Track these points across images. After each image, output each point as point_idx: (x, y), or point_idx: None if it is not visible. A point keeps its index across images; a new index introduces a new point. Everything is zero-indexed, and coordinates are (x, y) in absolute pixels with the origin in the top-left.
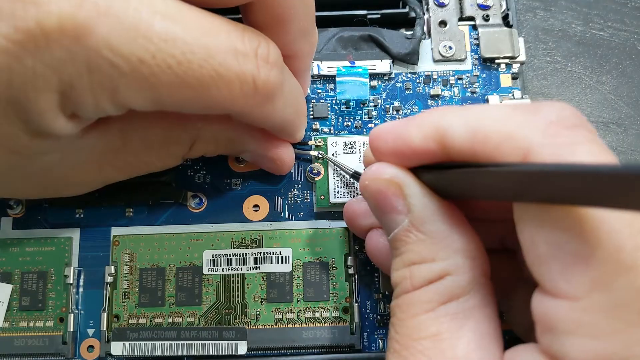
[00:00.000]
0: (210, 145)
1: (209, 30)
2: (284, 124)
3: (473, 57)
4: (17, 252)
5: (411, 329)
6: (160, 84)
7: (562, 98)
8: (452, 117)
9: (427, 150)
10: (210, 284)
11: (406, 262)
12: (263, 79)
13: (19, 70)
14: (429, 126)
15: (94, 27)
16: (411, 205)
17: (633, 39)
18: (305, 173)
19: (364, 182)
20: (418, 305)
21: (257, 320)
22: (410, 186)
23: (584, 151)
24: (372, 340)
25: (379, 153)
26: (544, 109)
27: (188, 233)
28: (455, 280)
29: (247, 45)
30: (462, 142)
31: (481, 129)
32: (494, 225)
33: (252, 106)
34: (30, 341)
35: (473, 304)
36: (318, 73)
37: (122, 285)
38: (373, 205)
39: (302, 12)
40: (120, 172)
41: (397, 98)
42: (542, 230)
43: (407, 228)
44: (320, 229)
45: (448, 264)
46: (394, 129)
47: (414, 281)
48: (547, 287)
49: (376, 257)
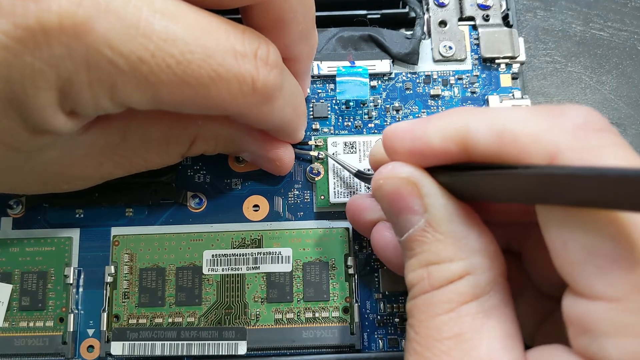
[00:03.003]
0: (209, 144)
1: (209, 30)
2: (283, 125)
3: (473, 57)
4: (17, 252)
5: (432, 329)
6: (159, 82)
7: (562, 98)
8: (476, 119)
9: (446, 151)
10: (210, 284)
11: (423, 263)
12: (262, 80)
13: (18, 67)
14: (450, 127)
15: (94, 24)
16: (428, 205)
17: (633, 39)
18: (305, 173)
19: (377, 181)
20: (438, 306)
21: (257, 320)
22: (428, 186)
23: (612, 154)
24: (372, 340)
25: (394, 152)
26: (571, 112)
27: (188, 233)
28: (475, 280)
29: (247, 46)
30: (486, 143)
31: (508, 131)
32: (500, 228)
33: (251, 107)
34: (30, 341)
35: (493, 304)
36: (318, 73)
37: (122, 285)
38: (387, 205)
39: (302, 14)
40: (119, 168)
41: (397, 98)
42: (574, 233)
43: (423, 228)
44: (320, 229)
45: (468, 263)
46: (412, 128)
47: (433, 281)
48: (582, 290)
49: (382, 252)
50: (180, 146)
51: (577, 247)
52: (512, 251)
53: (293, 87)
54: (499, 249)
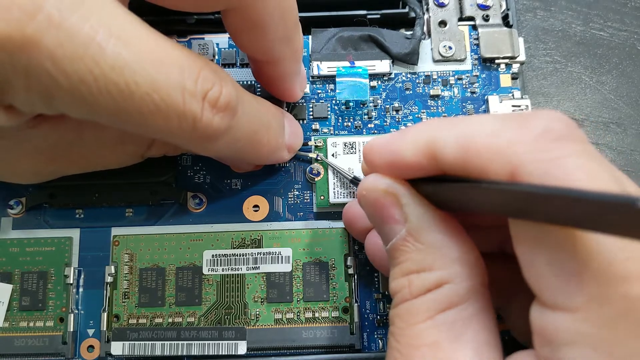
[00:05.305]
0: (169, 146)
1: (162, 63)
2: (235, 158)
3: (473, 57)
4: (17, 252)
5: (411, 337)
6: (95, 103)
7: (562, 98)
8: (443, 132)
9: (419, 164)
10: (210, 284)
11: (405, 271)
12: (204, 122)
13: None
14: (420, 141)
15: (41, 39)
16: (408, 214)
17: (633, 39)
18: (305, 173)
19: (361, 192)
20: (417, 314)
21: (257, 320)
22: (406, 196)
23: (573, 165)
24: (372, 340)
25: (373, 166)
26: (533, 121)
27: (188, 233)
28: (453, 289)
29: (199, 85)
30: (453, 157)
31: (472, 145)
32: (492, 231)
33: (191, 142)
34: (31, 341)
35: (471, 313)
36: (318, 73)
37: (122, 285)
38: (371, 215)
39: (280, 18)
40: (74, 165)
41: (397, 98)
42: (538, 247)
43: (404, 237)
44: (320, 229)
45: (446, 272)
46: (387, 143)
47: (413, 290)
48: (546, 301)
49: (375, 259)
50: (137, 147)
51: (542, 261)
52: (506, 253)
53: (250, 123)
54: (480, 258)
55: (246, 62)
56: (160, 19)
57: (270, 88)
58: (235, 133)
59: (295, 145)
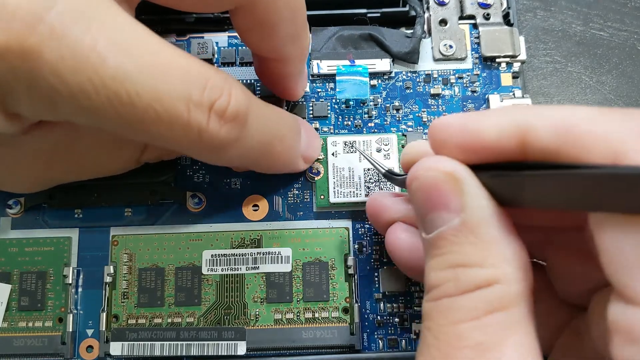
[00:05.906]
0: (163, 151)
1: (166, 72)
2: (245, 166)
3: (473, 56)
4: (16, 252)
5: (453, 336)
6: (96, 113)
7: (562, 98)
8: (537, 115)
9: (502, 147)
10: (209, 284)
11: (452, 264)
12: (210, 133)
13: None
14: (509, 122)
15: (43, 50)
16: (468, 204)
17: (633, 39)
18: (305, 172)
19: (416, 172)
20: (462, 312)
21: (257, 320)
22: (471, 185)
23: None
24: (372, 341)
25: (441, 146)
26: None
27: (187, 233)
28: (504, 290)
29: (206, 94)
30: (547, 140)
31: (573, 129)
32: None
33: (198, 152)
34: (30, 341)
35: (519, 318)
36: (318, 72)
37: (121, 285)
38: (421, 198)
39: (289, 17)
40: (70, 172)
41: (397, 97)
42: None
43: (457, 227)
44: (320, 229)
45: (499, 271)
46: (465, 121)
47: (460, 285)
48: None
49: (395, 253)
50: (131, 152)
51: (631, 253)
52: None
53: (263, 134)
54: (530, 262)
55: (246, 61)
56: (159, 17)
57: (272, 86)
58: (246, 143)
59: (312, 157)
